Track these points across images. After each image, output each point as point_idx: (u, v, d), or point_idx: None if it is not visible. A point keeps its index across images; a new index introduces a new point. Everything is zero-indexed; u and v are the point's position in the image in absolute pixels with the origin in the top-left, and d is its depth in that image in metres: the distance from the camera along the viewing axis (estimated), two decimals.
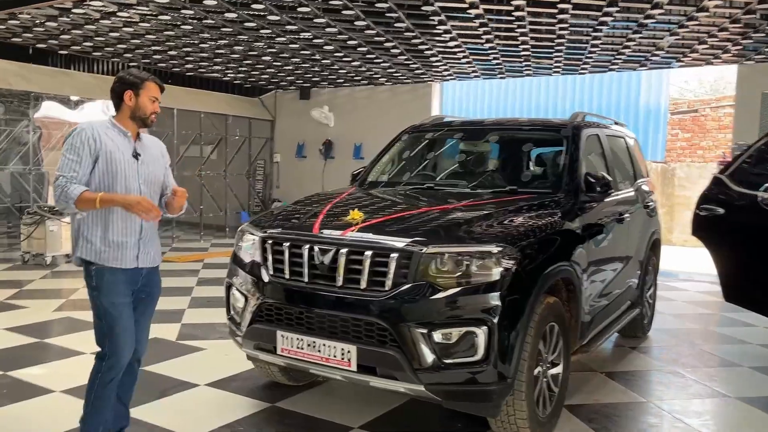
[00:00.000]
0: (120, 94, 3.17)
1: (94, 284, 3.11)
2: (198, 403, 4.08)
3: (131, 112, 3.17)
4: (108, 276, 3.09)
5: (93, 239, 3.10)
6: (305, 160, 13.31)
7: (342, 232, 3.40)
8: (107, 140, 3.10)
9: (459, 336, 3.10)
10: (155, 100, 3.22)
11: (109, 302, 3.08)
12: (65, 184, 2.99)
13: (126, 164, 3.13)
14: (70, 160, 3.04)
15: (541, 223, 3.54)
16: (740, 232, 4.75)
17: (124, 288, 3.12)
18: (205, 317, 6.26)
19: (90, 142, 3.06)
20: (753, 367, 5.11)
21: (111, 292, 3.09)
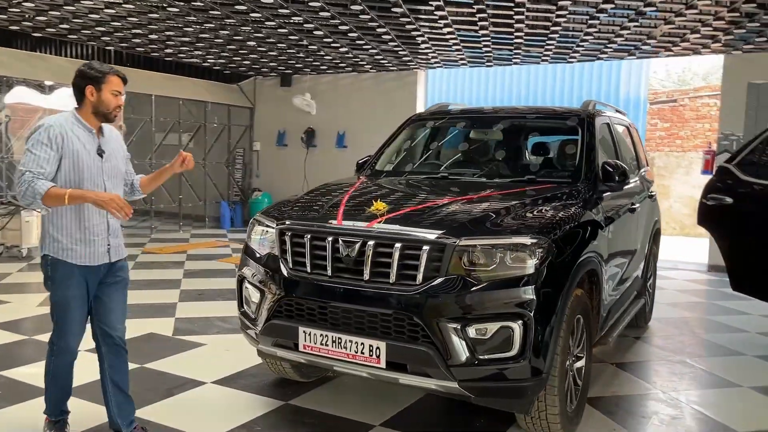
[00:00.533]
0: (81, 89, 3.10)
1: (49, 275, 3.12)
2: (208, 402, 3.91)
3: (93, 107, 3.11)
4: (62, 269, 3.08)
5: (60, 237, 3.08)
6: (286, 149, 13.06)
7: (367, 224, 3.26)
8: (74, 138, 3.07)
9: (494, 331, 3.00)
10: (118, 94, 3.15)
11: (62, 294, 3.11)
12: (32, 179, 2.92)
13: (92, 162, 3.12)
14: (36, 155, 2.98)
15: (569, 213, 3.45)
16: (749, 222, 4.74)
17: (81, 283, 3.12)
18: (199, 311, 6.06)
19: (57, 139, 3.02)
20: (757, 356, 5.13)
21: (64, 285, 3.10)
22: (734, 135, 9.21)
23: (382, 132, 12.04)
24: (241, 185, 13.51)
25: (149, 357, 4.67)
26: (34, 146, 2.99)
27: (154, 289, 6.95)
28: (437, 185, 4.19)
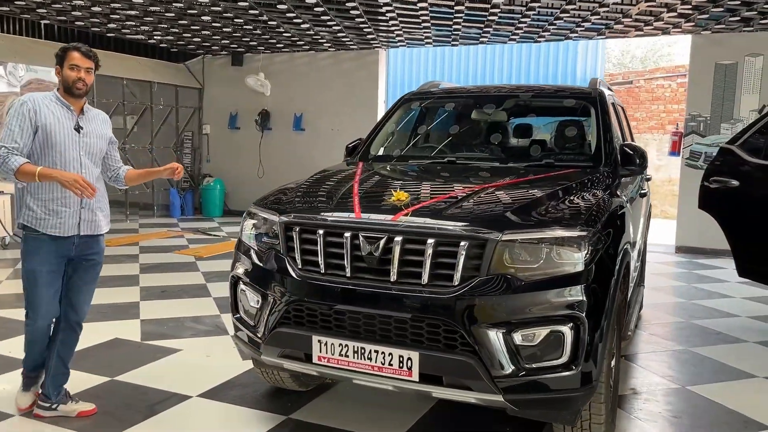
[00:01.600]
0: (56, 70, 3.34)
1: (23, 248, 3.28)
2: (199, 421, 3.44)
3: (61, 84, 3.31)
4: (33, 243, 3.24)
5: (33, 207, 3.23)
6: (239, 132, 12.40)
7: (393, 217, 2.85)
8: (48, 113, 3.25)
9: (543, 336, 2.65)
10: (75, 68, 3.26)
11: (30, 268, 3.25)
12: (6, 155, 3.10)
13: (66, 137, 3.27)
14: (11, 131, 3.17)
15: (604, 201, 3.13)
16: (758, 204, 4.58)
17: (50, 257, 3.25)
18: (166, 311, 5.51)
19: (31, 114, 3.20)
20: (758, 342, 5.02)
21: (34, 260, 3.23)
22: (701, 116, 9.20)
23: (342, 114, 11.63)
24: (191, 171, 12.78)
25: (119, 368, 4.13)
26: (10, 121, 3.17)
27: (110, 286, 6.33)
28: (452, 172, 3.80)
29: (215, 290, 6.29)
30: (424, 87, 4.89)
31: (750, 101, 8.93)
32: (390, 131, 4.53)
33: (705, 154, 9.10)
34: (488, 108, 4.35)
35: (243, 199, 12.34)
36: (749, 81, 8.89)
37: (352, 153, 4.46)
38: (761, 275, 4.82)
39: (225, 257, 8.05)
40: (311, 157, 11.66)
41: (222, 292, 6.17)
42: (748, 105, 8.94)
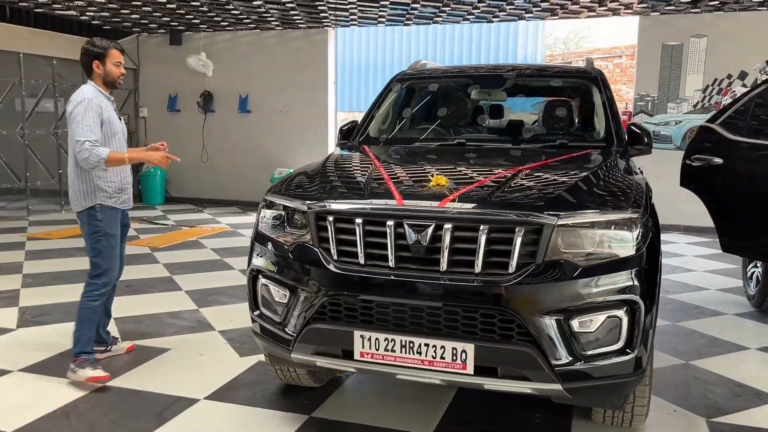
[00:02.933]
0: (89, 65, 3.74)
1: (100, 219, 3.72)
2: (216, 425, 3.20)
3: (102, 78, 3.74)
4: (110, 213, 3.77)
5: (106, 188, 3.73)
6: (180, 115, 11.82)
7: (439, 204, 2.70)
8: (105, 106, 3.69)
9: (600, 322, 2.59)
10: (119, 65, 3.79)
11: (111, 233, 3.78)
12: (92, 147, 3.54)
13: (118, 125, 3.81)
14: (89, 126, 3.57)
15: (638, 183, 3.09)
16: (742, 181, 4.70)
17: (118, 226, 3.85)
18: (138, 307, 5.16)
19: (98, 110, 3.62)
20: (736, 314, 5.21)
21: (112, 226, 3.78)
22: (649, 95, 9.47)
23: (290, 95, 11.26)
24: None
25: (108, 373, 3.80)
26: (84, 117, 3.57)
27: (67, 282, 5.88)
28: (473, 154, 3.67)
29: (184, 283, 5.95)
30: (414, 67, 4.74)
31: (694, 81, 9.26)
32: (387, 113, 4.36)
33: (653, 132, 9.38)
34: (491, 88, 4.25)
35: (186, 186, 11.83)
36: (694, 61, 9.21)
37: (348, 136, 4.26)
38: (744, 250, 4.98)
39: (183, 247, 7.66)
40: (259, 140, 11.29)
41: (192, 285, 5.85)
42: (693, 85, 9.27)
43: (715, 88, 9.13)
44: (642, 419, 3.02)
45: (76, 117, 3.56)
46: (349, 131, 4.28)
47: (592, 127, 3.95)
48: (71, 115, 3.60)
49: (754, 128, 4.78)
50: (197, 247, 7.74)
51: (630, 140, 3.84)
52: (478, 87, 4.30)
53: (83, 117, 3.54)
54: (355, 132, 4.24)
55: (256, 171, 11.13)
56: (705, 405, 3.48)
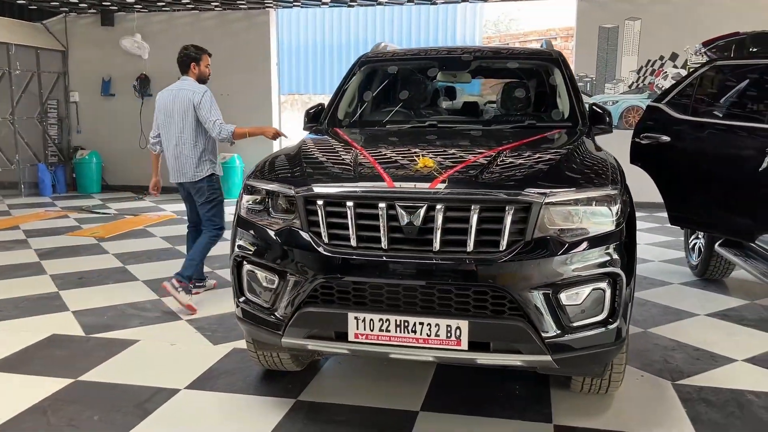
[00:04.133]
0: (187, 64, 4.91)
1: (216, 186, 4.93)
2: (202, 414, 3.17)
3: (197, 77, 4.92)
4: (218, 182, 4.96)
5: (214, 160, 4.94)
6: (114, 99, 11.38)
7: (430, 185, 2.74)
8: None
9: (586, 294, 2.72)
10: (209, 65, 5.01)
11: (222, 193, 4.98)
12: (222, 124, 4.74)
13: None
14: (217, 110, 4.76)
15: (611, 160, 3.23)
16: (687, 158, 4.96)
17: None
18: (96, 299, 4.99)
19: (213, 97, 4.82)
20: (681, 283, 5.52)
21: (220, 191, 4.97)
22: (588, 76, 9.79)
23: (232, 78, 10.99)
24: (59, 143, 11.57)
25: (79, 367, 3.70)
26: (211, 103, 4.74)
27: (15, 277, 5.63)
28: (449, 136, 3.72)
29: (140, 273, 5.79)
30: (376, 49, 4.74)
31: (629, 62, 9.64)
32: (353, 96, 4.35)
33: None
34: (457, 70, 4.31)
35: (124, 173, 11.42)
36: (629, 43, 9.58)
37: (315, 119, 4.24)
38: (690, 222, 5.27)
39: (130, 236, 7.44)
40: None
41: (149, 275, 5.70)
42: (628, 66, 9.65)
43: (649, 69, 9.54)
44: (617, 385, 3.18)
45: (206, 103, 4.68)
46: (317, 114, 4.25)
47: (557, 108, 4.08)
48: (200, 104, 4.67)
49: (698, 107, 5.05)
50: (146, 235, 7.52)
51: (592, 120, 3.99)
52: (444, 69, 4.36)
53: (211, 103, 4.70)
54: (323, 115, 4.22)
55: None
56: (668, 369, 3.70)
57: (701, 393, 3.38)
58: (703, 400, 3.29)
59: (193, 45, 4.96)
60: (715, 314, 4.68)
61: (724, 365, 3.77)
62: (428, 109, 4.26)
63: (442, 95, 4.59)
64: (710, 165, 4.80)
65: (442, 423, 3.07)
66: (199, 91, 4.69)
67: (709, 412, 3.16)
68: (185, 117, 4.72)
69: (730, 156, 4.61)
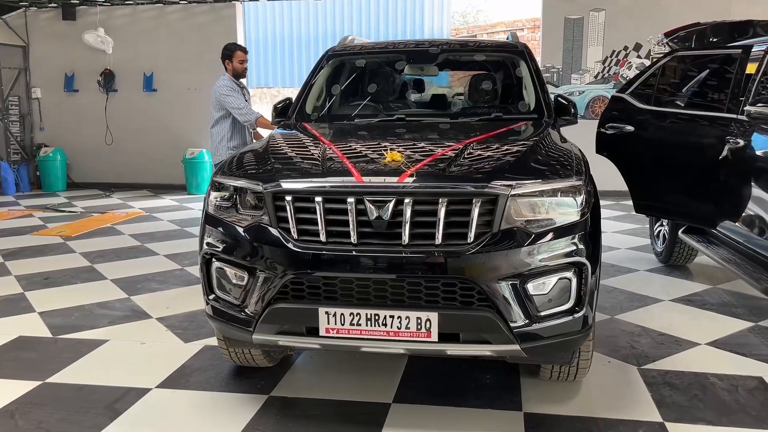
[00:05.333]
0: (223, 61, 5.69)
1: None
2: (173, 414, 3.15)
3: (231, 72, 5.66)
4: None
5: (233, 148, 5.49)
6: (78, 95, 11.17)
7: (398, 179, 2.76)
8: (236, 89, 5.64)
9: (553, 284, 2.77)
10: (243, 62, 5.66)
11: None
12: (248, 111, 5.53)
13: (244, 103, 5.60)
14: (238, 99, 5.52)
15: (576, 151, 3.29)
16: (650, 147, 5.06)
17: None
18: (63, 299, 4.92)
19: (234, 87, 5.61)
20: (647, 270, 5.64)
21: None
22: (555, 67, 9.90)
23: (198, 72, 10.85)
24: (22, 141, 11.32)
25: (46, 369, 3.65)
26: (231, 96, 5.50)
27: None
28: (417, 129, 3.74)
29: (108, 272, 5.71)
30: (343, 43, 4.74)
31: (595, 53, 9.77)
32: (321, 90, 4.35)
33: None
34: (424, 63, 4.33)
35: (90, 170, 11.23)
36: (594, 34, 9.71)
37: (283, 113, 4.23)
38: (654, 210, 5.37)
39: (98, 235, 7.33)
40: (167, 120, 10.88)
41: (117, 273, 5.63)
42: (594, 56, 9.78)
43: (614, 59, 9.68)
44: (585, 372, 3.25)
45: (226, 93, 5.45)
46: (285, 109, 4.24)
47: (523, 100, 4.12)
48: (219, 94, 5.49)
49: (661, 97, 5.15)
50: (113, 233, 7.42)
51: (557, 111, 4.04)
52: (412, 62, 4.37)
53: (230, 95, 5.43)
54: (291, 110, 4.21)
55: (166, 152, 10.74)
56: (634, 354, 3.78)
57: (666, 377, 3.47)
58: (667, 384, 3.38)
59: (231, 43, 5.82)
60: (680, 299, 4.80)
61: (688, 349, 3.87)
62: (396, 102, 4.28)
63: (410, 88, 4.60)
64: (673, 154, 4.90)
65: (414, 414, 3.10)
66: (218, 84, 5.54)
67: (673, 396, 3.25)
68: (213, 106, 5.59)
69: (691, 145, 4.72)
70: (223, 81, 5.56)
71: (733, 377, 3.46)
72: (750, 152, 4.14)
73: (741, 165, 4.23)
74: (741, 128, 4.29)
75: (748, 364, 3.65)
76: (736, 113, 4.36)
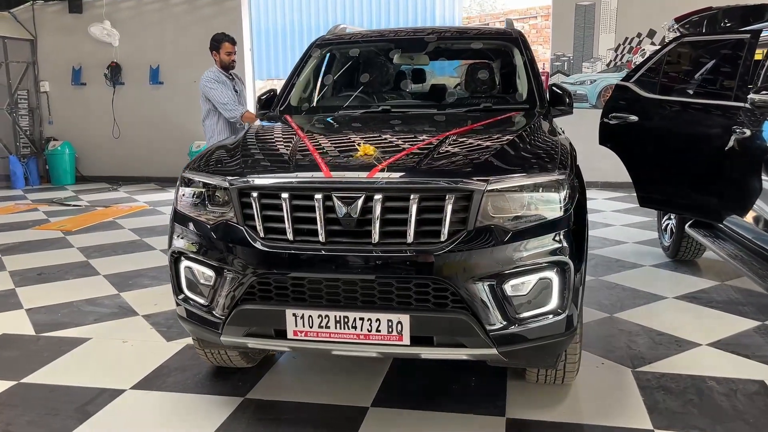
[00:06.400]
0: (211, 53, 5.72)
1: None
2: (144, 416, 3.06)
3: (219, 64, 5.65)
4: None
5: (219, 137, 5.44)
6: (85, 88, 11.16)
7: (368, 174, 2.62)
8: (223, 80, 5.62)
9: (532, 285, 2.61)
10: (231, 53, 5.66)
11: None
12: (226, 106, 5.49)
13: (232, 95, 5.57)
14: (224, 93, 5.47)
15: (562, 144, 3.11)
16: (655, 137, 4.85)
17: None
18: (52, 296, 4.86)
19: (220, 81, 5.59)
20: (652, 265, 5.44)
21: None
22: (565, 55, 9.65)
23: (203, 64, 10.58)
24: (31, 135, 11.36)
25: (23, 368, 3.58)
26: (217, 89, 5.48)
27: None
28: (399, 121, 3.59)
29: (102, 267, 5.65)
30: (333, 32, 4.59)
31: (607, 40, 9.50)
32: (308, 81, 4.21)
33: None
34: (413, 52, 4.17)
35: (98, 164, 11.24)
36: (606, 21, 9.44)
37: (267, 106, 4.10)
38: (659, 203, 5.17)
39: (98, 229, 7.29)
40: (173, 113, 10.81)
41: (111, 269, 5.57)
42: (606, 44, 9.51)
43: (626, 46, 9.41)
44: (573, 375, 3.09)
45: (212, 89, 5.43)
46: (269, 101, 4.11)
47: (514, 89, 3.95)
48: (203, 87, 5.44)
49: (666, 85, 4.93)
50: (114, 228, 7.38)
51: (552, 101, 3.87)
52: (401, 51, 4.20)
53: (215, 88, 5.39)
54: (276, 101, 4.08)
55: (173, 145, 10.69)
56: (630, 356, 3.61)
57: (661, 380, 3.29)
58: (662, 388, 3.21)
59: (219, 33, 5.69)
60: (684, 297, 4.60)
61: (688, 350, 3.68)
62: (385, 93, 4.13)
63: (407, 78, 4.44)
64: (677, 145, 4.69)
65: (391, 418, 2.97)
66: (203, 76, 5.49)
67: (666, 401, 3.08)
68: (201, 99, 5.61)
69: (696, 135, 4.51)
70: (208, 73, 5.52)
71: (733, 381, 3.27)
72: (757, 143, 3.93)
73: (747, 156, 4.02)
74: (748, 117, 4.08)
75: (749, 366, 3.46)
76: (744, 101, 4.15)
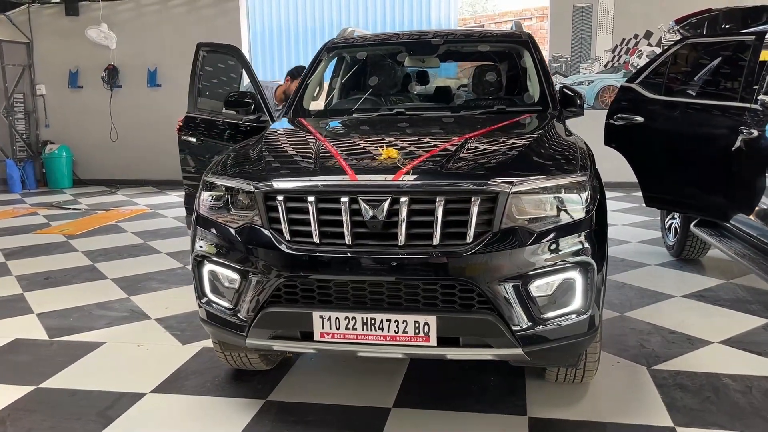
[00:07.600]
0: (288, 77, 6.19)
1: None
2: (166, 419, 3.07)
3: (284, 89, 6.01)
4: None
5: None
6: (82, 91, 11.12)
7: (394, 177, 2.64)
8: None
9: (557, 285, 2.64)
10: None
11: None
12: None
13: None
14: None
15: (581, 145, 3.16)
16: (660, 138, 4.91)
17: None
18: (62, 300, 4.85)
19: None
20: (658, 264, 5.49)
21: None
22: (563, 56, 9.71)
23: None
24: (27, 138, 11.30)
25: (40, 373, 3.57)
26: None
27: None
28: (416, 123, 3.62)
29: (109, 271, 5.64)
30: (343, 35, 4.61)
31: (604, 41, 9.58)
32: (316, 84, 4.23)
33: None
34: (425, 55, 4.20)
35: (96, 167, 11.20)
36: (603, 22, 9.51)
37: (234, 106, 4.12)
38: (665, 203, 5.23)
39: (101, 233, 7.27)
40: (172, 115, 10.69)
41: (118, 272, 5.56)
42: (603, 45, 9.58)
43: (624, 47, 9.48)
44: (592, 374, 3.13)
45: None
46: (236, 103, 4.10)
47: (527, 92, 3.99)
48: None
49: (671, 87, 4.98)
50: (117, 231, 7.36)
51: (563, 103, 3.91)
52: (412, 54, 4.24)
53: None
54: (289, 104, 4.10)
55: (171, 147, 10.58)
56: (644, 354, 3.65)
57: (677, 378, 3.34)
58: (678, 386, 3.25)
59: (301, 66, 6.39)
60: (692, 295, 4.66)
61: (701, 348, 3.73)
62: (397, 95, 4.16)
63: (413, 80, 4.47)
64: (684, 145, 4.75)
65: (414, 419, 3.00)
66: None
67: (684, 398, 3.12)
68: None
69: (703, 135, 4.56)
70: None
71: (747, 378, 3.32)
72: (764, 143, 3.99)
73: (755, 156, 4.08)
74: (755, 118, 4.14)
75: (762, 363, 3.51)
76: (749, 102, 4.21)
